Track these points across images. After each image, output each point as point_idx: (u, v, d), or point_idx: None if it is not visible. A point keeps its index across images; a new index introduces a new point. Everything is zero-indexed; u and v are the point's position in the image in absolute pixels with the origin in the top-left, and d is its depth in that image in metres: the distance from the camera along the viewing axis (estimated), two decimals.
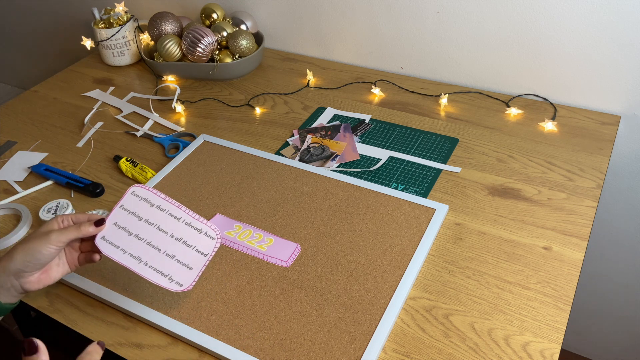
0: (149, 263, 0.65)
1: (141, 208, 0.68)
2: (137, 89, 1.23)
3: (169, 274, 0.65)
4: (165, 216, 0.67)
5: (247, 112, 1.11)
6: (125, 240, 0.66)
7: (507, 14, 1.02)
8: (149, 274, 0.65)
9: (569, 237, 0.78)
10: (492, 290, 0.72)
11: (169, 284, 0.64)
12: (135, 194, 0.68)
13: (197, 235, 0.67)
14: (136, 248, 0.66)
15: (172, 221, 0.67)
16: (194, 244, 0.66)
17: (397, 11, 1.13)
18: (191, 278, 0.65)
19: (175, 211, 0.68)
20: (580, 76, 1.02)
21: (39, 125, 1.12)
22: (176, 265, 0.65)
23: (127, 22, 1.29)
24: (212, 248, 0.66)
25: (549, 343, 0.65)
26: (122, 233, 0.66)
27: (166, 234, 0.67)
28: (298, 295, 0.71)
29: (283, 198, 0.86)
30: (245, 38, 1.19)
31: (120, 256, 0.65)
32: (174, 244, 0.66)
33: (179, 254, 0.66)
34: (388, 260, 0.75)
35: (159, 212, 0.68)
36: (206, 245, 0.66)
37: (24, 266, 0.62)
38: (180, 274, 0.65)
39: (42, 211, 0.86)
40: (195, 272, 0.65)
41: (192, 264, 0.65)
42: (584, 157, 0.92)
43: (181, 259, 0.66)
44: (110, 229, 0.67)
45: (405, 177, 0.91)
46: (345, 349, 0.64)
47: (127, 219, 0.67)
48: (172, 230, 0.67)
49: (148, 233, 0.67)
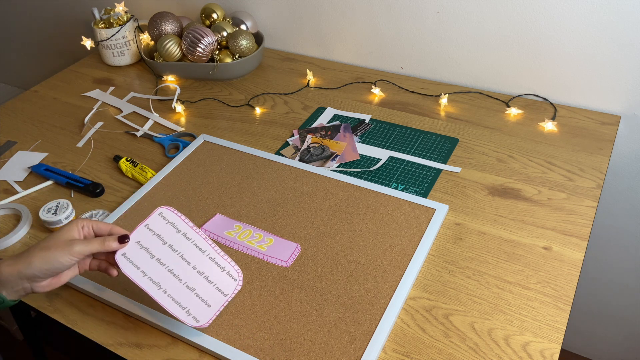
0: (168, 291, 0.64)
1: (167, 231, 0.66)
2: (137, 89, 1.23)
3: (187, 307, 0.63)
4: (190, 246, 0.66)
5: (247, 112, 1.11)
6: (147, 262, 0.64)
7: (507, 14, 1.02)
8: (167, 303, 0.63)
9: (569, 237, 0.78)
10: (492, 290, 0.72)
11: (186, 317, 0.63)
12: (162, 216, 0.67)
13: (220, 273, 0.65)
14: (157, 273, 0.64)
15: (196, 253, 0.65)
16: (215, 280, 0.65)
17: (397, 11, 1.13)
18: (209, 316, 0.63)
19: (201, 243, 0.66)
20: (580, 76, 1.02)
21: (39, 125, 1.12)
22: (195, 300, 0.64)
23: (127, 22, 1.29)
24: (234, 289, 0.65)
25: (549, 343, 0.65)
26: (144, 254, 0.65)
27: (189, 265, 0.65)
28: (298, 295, 0.71)
29: (283, 198, 0.86)
30: (245, 38, 1.19)
31: (139, 278, 0.64)
32: (196, 277, 0.64)
33: (200, 288, 0.64)
34: (388, 260, 0.75)
35: (185, 240, 0.66)
36: (227, 285, 0.65)
37: (40, 273, 0.61)
38: (198, 310, 0.63)
39: (42, 211, 0.86)
40: (214, 311, 0.64)
41: (211, 301, 0.64)
42: (584, 157, 0.92)
43: (201, 294, 0.64)
44: (132, 247, 0.65)
45: (405, 177, 0.91)
46: (345, 349, 0.64)
47: (151, 240, 0.66)
48: (196, 262, 0.65)
49: (171, 260, 0.65)
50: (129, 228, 0.81)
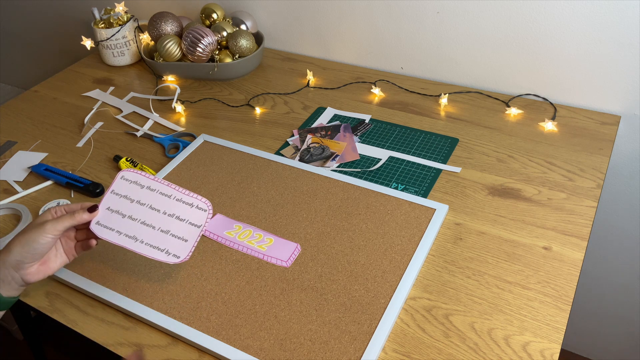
0: (145, 241, 0.67)
1: (132, 191, 0.69)
2: (137, 89, 1.23)
3: (165, 248, 0.67)
4: (156, 195, 0.69)
5: (247, 112, 1.11)
6: (120, 222, 0.68)
7: (507, 14, 1.02)
8: (145, 251, 0.67)
9: (569, 237, 0.78)
10: (492, 290, 0.72)
11: (166, 257, 0.66)
12: (124, 178, 0.70)
13: (189, 209, 0.68)
14: (131, 228, 0.68)
15: (163, 199, 0.69)
16: (186, 217, 0.68)
17: (397, 11, 1.13)
18: (187, 249, 0.67)
19: (165, 189, 0.69)
20: (580, 76, 1.02)
21: (39, 125, 1.12)
22: (171, 240, 0.67)
23: (127, 22, 1.29)
24: (205, 219, 0.68)
25: (549, 343, 0.65)
26: (116, 216, 0.68)
27: (159, 212, 0.68)
28: (298, 295, 0.71)
29: (283, 198, 0.86)
30: (245, 38, 1.19)
31: (116, 237, 0.67)
32: (168, 220, 0.68)
33: (173, 228, 0.68)
34: (388, 260, 0.75)
35: (150, 192, 0.69)
36: (198, 217, 0.68)
37: (22, 257, 0.62)
38: (176, 247, 0.67)
39: (42, 211, 0.86)
40: (191, 243, 0.67)
41: (186, 236, 0.67)
42: (584, 157, 0.92)
43: (176, 232, 0.67)
44: (104, 214, 0.68)
45: (405, 177, 0.91)
46: (345, 349, 0.64)
47: (119, 202, 0.69)
48: (164, 207, 0.69)
49: (141, 213, 0.68)
50: None
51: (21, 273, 0.63)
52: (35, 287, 0.76)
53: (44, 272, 0.65)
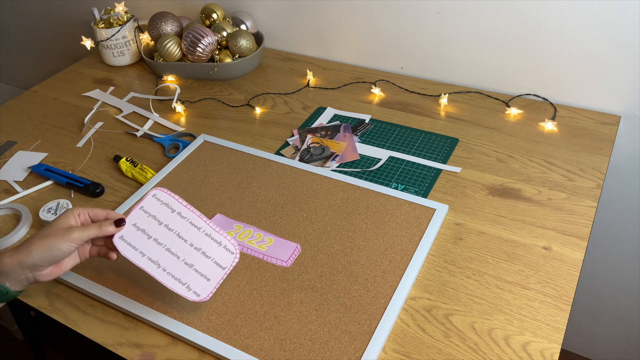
0: (167, 269, 0.65)
1: (162, 212, 0.67)
2: (137, 89, 1.23)
3: (187, 283, 0.64)
4: (186, 224, 0.67)
5: (247, 112, 1.11)
6: (144, 243, 0.65)
7: (507, 14, 1.02)
8: (167, 280, 0.64)
9: (569, 237, 0.78)
10: (492, 290, 0.72)
11: (187, 292, 0.64)
12: (156, 197, 0.67)
13: (217, 247, 0.66)
14: (155, 252, 0.65)
15: (192, 230, 0.66)
16: (213, 255, 0.66)
17: (397, 11, 1.13)
18: (209, 289, 0.64)
19: (196, 220, 0.67)
20: (580, 76, 1.02)
21: (39, 125, 1.12)
22: (194, 275, 0.64)
23: (127, 22, 1.29)
24: (231, 262, 0.66)
25: (549, 343, 0.65)
26: (141, 235, 0.66)
27: (186, 242, 0.66)
28: (298, 295, 0.71)
29: (283, 198, 0.86)
30: (245, 38, 1.19)
31: (138, 259, 0.64)
32: (193, 253, 0.65)
33: (198, 263, 0.65)
34: (388, 260, 0.75)
35: (180, 219, 0.67)
36: (225, 258, 0.66)
37: (41, 261, 0.63)
38: (198, 284, 0.64)
39: (42, 211, 0.86)
40: (213, 284, 0.65)
41: (210, 275, 0.65)
42: (584, 157, 0.92)
43: (199, 269, 0.65)
44: (129, 230, 0.66)
45: (405, 177, 0.91)
46: (345, 349, 0.64)
47: (147, 221, 0.67)
48: (192, 239, 0.66)
49: (167, 239, 0.66)
50: None
51: (35, 274, 0.64)
52: (35, 287, 0.76)
53: (57, 273, 0.66)
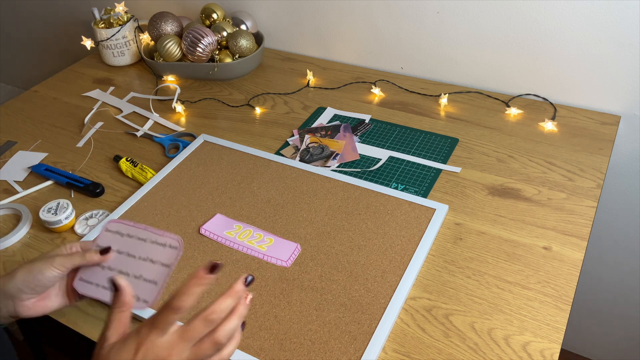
0: None
1: (114, 241, 0.68)
2: (137, 89, 1.23)
3: (136, 295, 0.64)
4: (134, 241, 0.67)
5: (247, 112, 1.11)
6: (99, 275, 0.66)
7: (507, 14, 1.02)
8: None
9: (569, 237, 0.78)
10: (492, 290, 0.72)
11: (137, 304, 0.64)
12: (108, 230, 0.68)
13: (162, 249, 0.66)
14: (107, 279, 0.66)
15: (139, 244, 0.67)
16: (158, 258, 0.66)
17: (397, 11, 1.13)
18: (154, 292, 0.64)
19: (141, 234, 0.67)
20: (580, 76, 1.02)
21: (39, 125, 1.12)
22: (142, 285, 0.65)
23: (127, 22, 1.29)
24: (175, 257, 0.65)
25: (549, 343, 0.65)
26: (96, 269, 0.66)
27: (134, 258, 0.66)
28: (298, 295, 0.71)
29: (283, 198, 0.86)
30: (245, 38, 1.19)
31: (94, 292, 0.65)
32: (141, 264, 0.66)
33: (145, 272, 0.65)
34: (388, 260, 0.75)
35: (129, 239, 0.67)
36: (169, 256, 0.66)
37: (23, 286, 0.60)
38: (145, 292, 0.64)
39: (42, 211, 0.86)
40: (159, 285, 0.65)
41: (156, 278, 0.65)
42: (584, 157, 0.92)
43: (148, 276, 0.65)
44: (87, 270, 0.66)
45: (405, 177, 0.91)
46: (345, 349, 0.64)
47: None
48: (140, 252, 0.66)
49: (118, 262, 0.67)
50: None
51: (17, 303, 0.61)
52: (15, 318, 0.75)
53: (39, 310, 0.63)
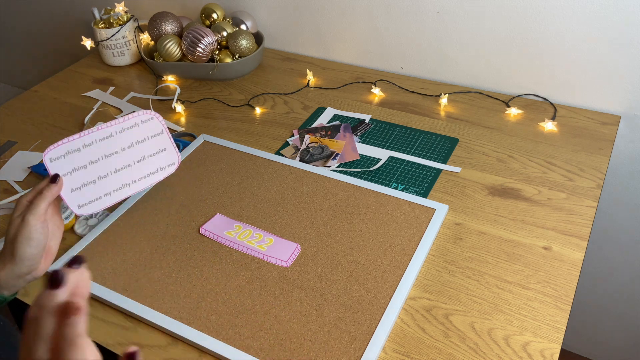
0: (134, 179, 0.65)
1: (74, 160, 0.65)
2: (137, 89, 1.23)
3: (156, 169, 0.65)
4: (99, 144, 0.65)
5: (247, 112, 1.11)
6: (97, 188, 0.64)
7: (507, 14, 1.02)
8: (143, 185, 0.65)
9: (569, 237, 0.78)
10: (492, 290, 0.72)
11: (165, 172, 0.65)
12: (52, 159, 0.65)
13: (138, 129, 0.65)
14: (112, 183, 0.65)
15: (108, 142, 0.65)
16: (143, 136, 0.65)
17: (397, 11, 1.13)
18: (173, 152, 0.65)
19: (101, 134, 0.65)
20: (580, 76, 1.02)
21: (39, 125, 1.12)
22: (153, 159, 0.65)
23: (127, 22, 1.29)
24: (160, 123, 0.65)
25: (549, 343, 0.65)
26: (88, 188, 0.64)
27: (117, 153, 0.65)
28: (298, 295, 0.71)
29: (283, 198, 0.86)
30: (245, 38, 1.19)
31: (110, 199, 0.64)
32: (132, 151, 0.65)
33: (144, 151, 0.65)
34: (388, 260, 0.75)
35: (90, 147, 0.65)
36: (152, 127, 0.65)
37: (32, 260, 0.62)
38: (163, 160, 0.65)
39: None
40: (172, 148, 0.65)
41: (161, 146, 0.65)
42: (584, 157, 0.92)
43: (150, 152, 0.65)
44: (75, 196, 0.65)
45: (405, 177, 0.91)
46: (345, 349, 0.64)
47: (76, 177, 0.65)
48: (116, 146, 0.65)
49: (105, 167, 0.64)
50: (129, 229, 0.81)
51: (33, 274, 0.63)
52: (35, 286, 0.76)
53: (50, 261, 0.65)
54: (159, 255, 0.78)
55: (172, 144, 0.65)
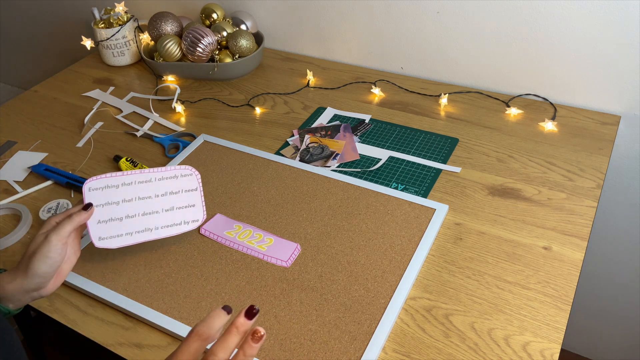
0: (158, 226, 0.68)
1: (109, 195, 0.67)
2: (137, 89, 1.23)
3: (180, 221, 0.68)
4: (136, 186, 0.68)
5: (247, 112, 1.11)
6: (122, 226, 0.67)
7: (506, 14, 1.02)
8: (165, 233, 0.68)
9: (569, 237, 0.78)
10: (492, 290, 0.72)
11: (188, 226, 0.68)
12: (92, 189, 0.68)
13: (176, 181, 0.69)
14: (137, 224, 0.67)
15: (145, 186, 0.68)
16: (178, 189, 0.68)
17: (397, 11, 1.13)
18: (200, 210, 0.69)
19: (141, 177, 0.68)
20: (580, 76, 1.02)
21: (39, 125, 1.12)
22: (180, 212, 0.68)
23: (127, 22, 1.29)
24: (196, 180, 0.69)
25: (549, 343, 0.65)
26: (113, 223, 0.67)
27: (150, 198, 0.68)
28: (298, 295, 0.71)
29: (283, 198, 0.86)
30: (245, 38, 1.19)
31: (129, 240, 0.67)
32: (164, 200, 0.68)
33: (174, 203, 0.68)
34: (388, 260, 0.75)
35: (127, 187, 0.68)
36: (189, 183, 0.69)
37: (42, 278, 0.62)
38: (189, 214, 0.68)
39: (42, 211, 0.86)
40: (200, 205, 0.69)
41: (191, 202, 0.68)
42: (584, 157, 0.92)
43: (180, 205, 0.68)
44: (100, 228, 0.67)
45: (405, 177, 0.91)
46: (345, 349, 0.64)
47: (106, 211, 0.68)
48: (152, 192, 0.68)
49: (135, 208, 0.67)
50: None
51: (40, 292, 0.64)
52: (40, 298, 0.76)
53: (59, 282, 0.66)
54: (159, 255, 0.78)
55: (202, 202, 0.68)
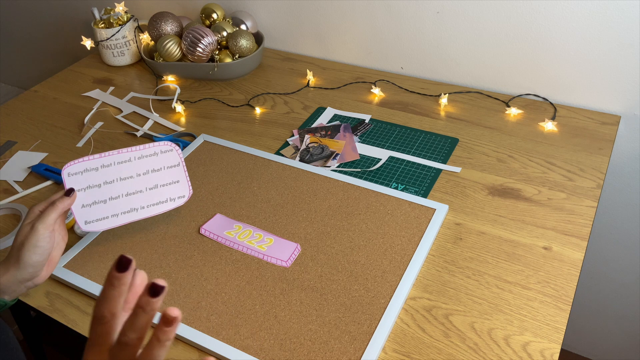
0: (143, 205, 0.67)
1: (90, 178, 0.67)
2: (137, 89, 1.23)
3: (166, 198, 0.67)
4: (116, 167, 0.68)
5: (247, 112, 1.11)
6: (106, 208, 0.67)
7: (506, 14, 1.02)
8: (151, 212, 0.67)
9: (569, 237, 0.78)
10: (492, 290, 0.72)
11: (174, 203, 0.68)
12: (71, 174, 0.67)
13: (157, 158, 0.68)
14: (121, 205, 0.67)
15: (126, 166, 0.68)
16: (160, 165, 0.68)
17: (397, 11, 1.13)
18: (186, 185, 0.68)
19: (120, 157, 0.68)
20: (580, 76, 1.02)
21: (39, 125, 1.12)
22: (165, 189, 0.68)
23: (127, 22, 1.29)
24: (178, 155, 0.68)
25: (549, 343, 0.65)
26: (97, 206, 0.67)
27: (132, 178, 0.68)
28: (298, 295, 0.71)
29: (283, 198, 0.86)
30: (245, 38, 1.19)
31: (114, 221, 0.67)
32: (147, 178, 0.68)
33: (158, 180, 0.68)
34: (388, 260, 0.75)
35: (107, 168, 0.67)
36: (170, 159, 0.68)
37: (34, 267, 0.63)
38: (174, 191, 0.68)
39: None
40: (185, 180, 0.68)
41: (175, 178, 0.68)
42: (584, 157, 0.92)
43: (163, 182, 0.68)
44: (84, 212, 0.67)
45: (405, 177, 0.91)
46: (345, 349, 0.64)
47: (89, 194, 0.67)
48: (133, 171, 0.68)
49: (118, 189, 0.67)
50: (129, 229, 0.81)
51: (34, 281, 0.65)
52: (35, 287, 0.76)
53: (51, 270, 0.67)
54: (159, 255, 0.78)
55: (186, 177, 0.68)
